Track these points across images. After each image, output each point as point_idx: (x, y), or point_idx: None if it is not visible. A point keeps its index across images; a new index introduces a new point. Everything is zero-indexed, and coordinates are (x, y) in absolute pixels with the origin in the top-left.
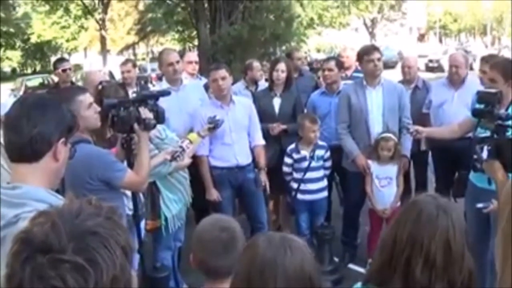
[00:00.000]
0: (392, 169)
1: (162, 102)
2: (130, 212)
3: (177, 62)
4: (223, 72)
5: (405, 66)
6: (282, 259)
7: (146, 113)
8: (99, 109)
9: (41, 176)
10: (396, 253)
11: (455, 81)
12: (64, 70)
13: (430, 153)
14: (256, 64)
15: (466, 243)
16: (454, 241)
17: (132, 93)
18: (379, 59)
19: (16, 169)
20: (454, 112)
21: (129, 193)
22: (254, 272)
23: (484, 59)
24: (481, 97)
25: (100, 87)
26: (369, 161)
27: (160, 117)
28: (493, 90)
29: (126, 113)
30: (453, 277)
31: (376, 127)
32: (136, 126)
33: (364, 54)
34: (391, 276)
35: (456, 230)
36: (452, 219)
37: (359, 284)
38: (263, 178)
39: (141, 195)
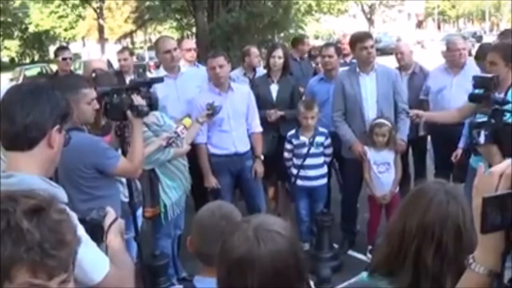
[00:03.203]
0: (388, 155)
1: (161, 90)
2: (126, 200)
3: (174, 49)
4: (220, 60)
5: (397, 53)
6: (256, 253)
7: (138, 100)
8: (97, 107)
9: (36, 164)
10: (405, 242)
11: (456, 64)
12: (64, 59)
13: (429, 139)
14: (253, 49)
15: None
16: (465, 228)
17: (129, 81)
18: (372, 46)
19: (10, 158)
20: (454, 97)
21: (124, 180)
22: (231, 268)
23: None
24: (477, 81)
25: (93, 75)
26: (366, 148)
27: (153, 104)
28: (489, 75)
29: (119, 100)
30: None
31: (370, 114)
32: (129, 113)
33: (357, 41)
34: (400, 266)
35: (467, 216)
36: (462, 205)
37: (364, 274)
38: (259, 167)
39: (137, 182)
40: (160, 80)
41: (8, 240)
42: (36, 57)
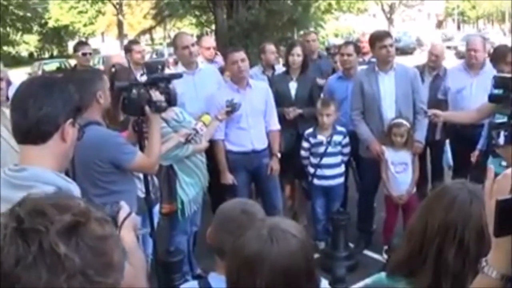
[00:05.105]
0: (406, 155)
1: (179, 86)
2: (143, 195)
3: (192, 45)
4: (242, 54)
5: (432, 54)
6: (268, 251)
7: (157, 95)
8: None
9: (49, 157)
10: (427, 241)
11: (474, 65)
12: (84, 54)
13: (447, 141)
14: (269, 46)
15: None
16: (487, 227)
17: (140, 76)
18: (391, 45)
19: (23, 151)
20: (474, 98)
21: (142, 176)
22: (241, 265)
23: None
24: (497, 81)
25: (113, 69)
26: (384, 147)
27: (172, 100)
28: (509, 75)
29: (137, 95)
30: None
31: (389, 113)
32: (147, 108)
33: (377, 40)
34: (420, 265)
35: None
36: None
37: (382, 274)
38: (275, 164)
39: (155, 178)
40: (179, 76)
41: (42, 267)
42: (55, 52)
